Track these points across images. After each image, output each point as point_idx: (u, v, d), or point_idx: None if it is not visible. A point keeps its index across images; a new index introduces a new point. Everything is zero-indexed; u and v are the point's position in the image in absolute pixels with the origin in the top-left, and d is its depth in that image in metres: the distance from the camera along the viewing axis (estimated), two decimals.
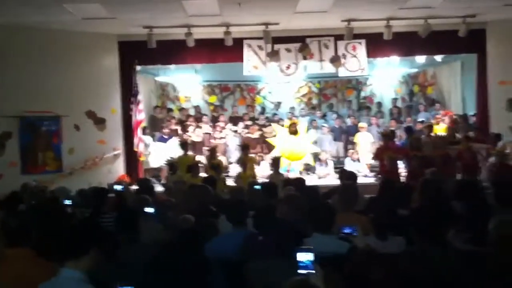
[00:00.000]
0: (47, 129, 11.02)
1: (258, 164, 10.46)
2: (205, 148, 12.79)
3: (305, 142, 12.24)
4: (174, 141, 12.54)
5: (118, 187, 7.45)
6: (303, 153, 12.14)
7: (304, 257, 3.08)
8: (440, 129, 12.13)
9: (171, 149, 12.09)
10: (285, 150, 11.96)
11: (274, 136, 12.77)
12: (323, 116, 15.14)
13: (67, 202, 6.33)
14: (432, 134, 11.07)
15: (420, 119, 13.21)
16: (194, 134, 13.44)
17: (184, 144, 11.07)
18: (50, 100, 10.93)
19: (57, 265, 3.16)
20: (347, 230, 4.03)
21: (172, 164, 10.01)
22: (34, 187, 7.91)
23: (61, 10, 9.45)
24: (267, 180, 8.64)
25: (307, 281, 2.79)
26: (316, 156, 12.48)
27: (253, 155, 11.46)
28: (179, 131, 13.45)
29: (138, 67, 12.36)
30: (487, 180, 8.08)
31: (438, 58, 13.73)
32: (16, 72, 10.51)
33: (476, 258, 3.45)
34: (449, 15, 11.09)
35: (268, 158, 11.94)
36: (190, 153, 11.21)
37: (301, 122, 13.38)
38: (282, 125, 12.96)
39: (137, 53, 11.89)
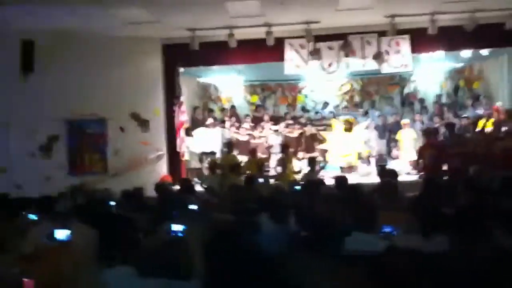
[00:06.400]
0: (93, 132, 11.31)
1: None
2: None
3: (356, 140, 12.12)
4: (217, 131, 12.72)
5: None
6: (351, 151, 12.04)
7: None
8: (487, 125, 11.79)
9: (213, 137, 12.29)
10: (334, 146, 11.92)
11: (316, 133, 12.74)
12: (366, 114, 14.96)
13: (111, 203, 6.46)
14: (478, 130, 10.80)
15: (465, 115, 12.88)
16: (239, 134, 13.49)
17: (229, 144, 11.16)
18: (95, 103, 11.20)
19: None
20: (387, 229, 3.98)
21: (212, 164, 10.10)
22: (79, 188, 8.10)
23: (106, 15, 9.66)
24: (304, 180, 8.63)
25: None
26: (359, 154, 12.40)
27: (292, 155, 11.49)
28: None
29: (181, 69, 12.52)
30: None
31: (485, 52, 13.37)
32: (63, 76, 10.82)
33: None
34: (495, 8, 10.79)
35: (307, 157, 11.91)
36: (233, 153, 11.27)
37: (360, 121, 13.34)
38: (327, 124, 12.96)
39: (180, 55, 12.05)
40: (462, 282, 3.29)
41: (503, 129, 10.97)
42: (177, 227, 4.28)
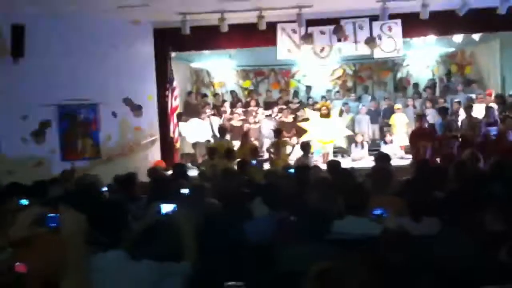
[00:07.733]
0: (85, 117, 11.23)
1: (292, 147, 10.47)
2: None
3: (337, 125, 12.15)
4: (210, 121, 12.70)
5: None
6: (335, 136, 12.08)
7: None
8: (480, 109, 11.83)
9: (206, 127, 12.27)
10: (316, 134, 11.92)
11: (306, 119, 12.71)
12: (358, 99, 14.98)
13: (104, 188, 6.44)
14: (470, 114, 10.83)
15: (456, 100, 12.92)
16: (233, 119, 13.44)
17: (222, 129, 11.15)
18: (87, 88, 11.08)
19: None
20: (377, 212, 4.02)
21: (211, 150, 10.09)
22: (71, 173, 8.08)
23: None
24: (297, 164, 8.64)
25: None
26: (351, 139, 12.43)
27: (286, 139, 11.50)
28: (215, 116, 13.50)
29: (173, 54, 12.46)
30: None
31: (476, 37, 13.38)
32: (54, 61, 10.69)
33: None
34: None
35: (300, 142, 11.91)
36: (226, 138, 11.27)
37: (334, 104, 13.31)
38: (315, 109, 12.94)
39: (172, 40, 12.01)
40: (450, 264, 3.33)
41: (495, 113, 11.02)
42: (169, 211, 4.31)
